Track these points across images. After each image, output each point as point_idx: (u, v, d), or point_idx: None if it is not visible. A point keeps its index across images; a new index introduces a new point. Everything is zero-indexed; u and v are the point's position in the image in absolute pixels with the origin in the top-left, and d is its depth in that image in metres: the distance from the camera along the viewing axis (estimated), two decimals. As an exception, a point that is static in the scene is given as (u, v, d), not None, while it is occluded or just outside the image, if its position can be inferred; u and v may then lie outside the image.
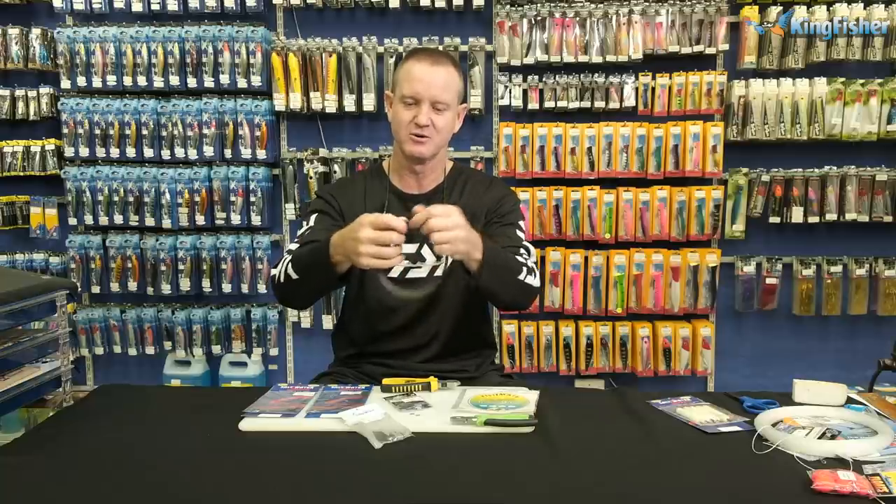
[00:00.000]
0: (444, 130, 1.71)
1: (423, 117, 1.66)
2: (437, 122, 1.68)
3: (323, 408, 1.43)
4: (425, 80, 1.66)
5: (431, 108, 1.67)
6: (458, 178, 1.81)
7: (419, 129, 1.67)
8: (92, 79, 3.34)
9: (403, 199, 1.77)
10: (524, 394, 1.49)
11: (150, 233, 3.43)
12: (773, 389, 1.55)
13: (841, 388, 1.44)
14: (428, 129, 1.67)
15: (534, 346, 3.31)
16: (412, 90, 1.67)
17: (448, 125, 1.72)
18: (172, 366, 3.47)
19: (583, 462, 1.21)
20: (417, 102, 1.67)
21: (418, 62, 1.68)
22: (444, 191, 1.78)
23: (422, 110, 1.66)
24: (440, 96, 1.67)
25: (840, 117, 3.12)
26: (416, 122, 1.67)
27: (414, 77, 1.67)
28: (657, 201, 3.20)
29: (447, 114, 1.69)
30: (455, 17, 3.33)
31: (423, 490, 1.12)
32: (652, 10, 3.16)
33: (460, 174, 1.83)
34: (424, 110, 1.66)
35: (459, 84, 1.73)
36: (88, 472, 1.20)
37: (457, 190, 1.79)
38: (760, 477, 1.14)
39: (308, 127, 3.43)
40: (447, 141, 1.76)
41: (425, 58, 1.69)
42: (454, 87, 1.70)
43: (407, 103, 1.68)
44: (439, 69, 1.68)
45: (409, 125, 1.68)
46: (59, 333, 1.90)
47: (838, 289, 3.28)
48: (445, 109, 1.68)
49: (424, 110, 1.66)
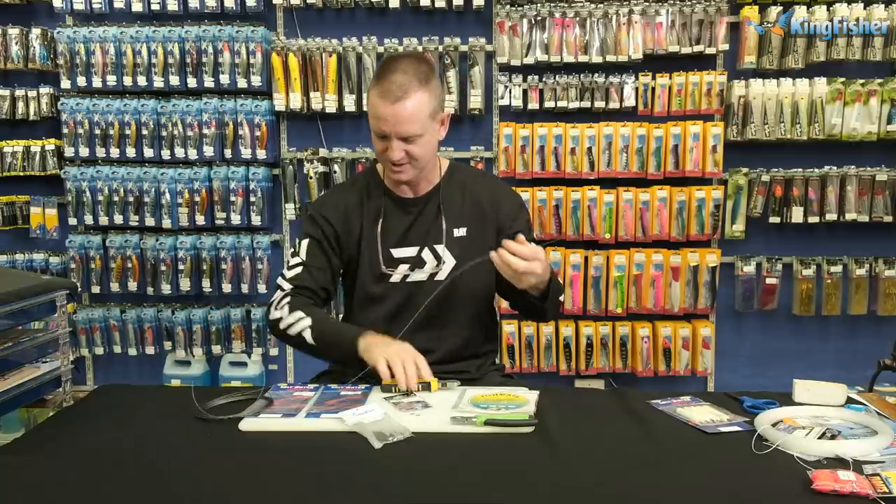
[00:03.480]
0: (423, 154, 1.64)
1: (395, 154, 1.60)
2: (412, 151, 1.62)
3: (323, 408, 1.43)
4: (389, 119, 1.58)
5: (402, 142, 1.60)
6: (453, 178, 1.78)
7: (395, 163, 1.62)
8: (92, 79, 3.34)
9: (400, 204, 1.75)
10: (524, 394, 1.49)
11: (150, 233, 3.43)
12: (773, 389, 1.55)
13: (841, 388, 1.44)
14: (402, 160, 1.62)
15: (534, 346, 3.31)
16: (378, 128, 1.61)
17: (427, 147, 1.65)
18: (172, 366, 3.46)
19: (583, 462, 1.21)
20: (385, 137, 1.61)
21: (381, 98, 1.58)
22: (440, 193, 1.75)
23: (392, 146, 1.60)
24: (407, 132, 1.59)
25: (840, 117, 3.12)
26: (388, 157, 1.62)
27: (378, 115, 1.59)
28: (657, 201, 3.20)
29: (422, 139, 1.62)
30: (455, 17, 3.33)
31: (423, 490, 1.12)
32: (652, 10, 3.16)
33: (456, 173, 1.79)
34: (395, 146, 1.60)
35: (431, 103, 1.62)
36: (88, 472, 1.20)
37: (456, 192, 1.76)
38: (760, 477, 1.14)
39: (308, 127, 3.43)
40: (432, 155, 1.69)
41: (387, 94, 1.57)
42: (423, 113, 1.60)
43: (378, 136, 1.63)
44: (402, 104, 1.57)
45: (384, 155, 1.64)
46: (59, 333, 1.90)
47: (838, 289, 3.28)
48: (419, 136, 1.61)
49: (395, 146, 1.60)
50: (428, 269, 1.72)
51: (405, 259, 1.73)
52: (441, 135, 1.71)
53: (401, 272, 1.73)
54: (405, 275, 1.73)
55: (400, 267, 1.73)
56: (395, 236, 1.73)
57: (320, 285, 1.73)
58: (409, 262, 1.72)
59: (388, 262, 1.73)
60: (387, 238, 1.73)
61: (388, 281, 1.73)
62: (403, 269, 1.73)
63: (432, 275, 1.72)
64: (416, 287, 1.72)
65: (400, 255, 1.73)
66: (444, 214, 1.73)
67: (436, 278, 1.72)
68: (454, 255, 1.72)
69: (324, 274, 1.73)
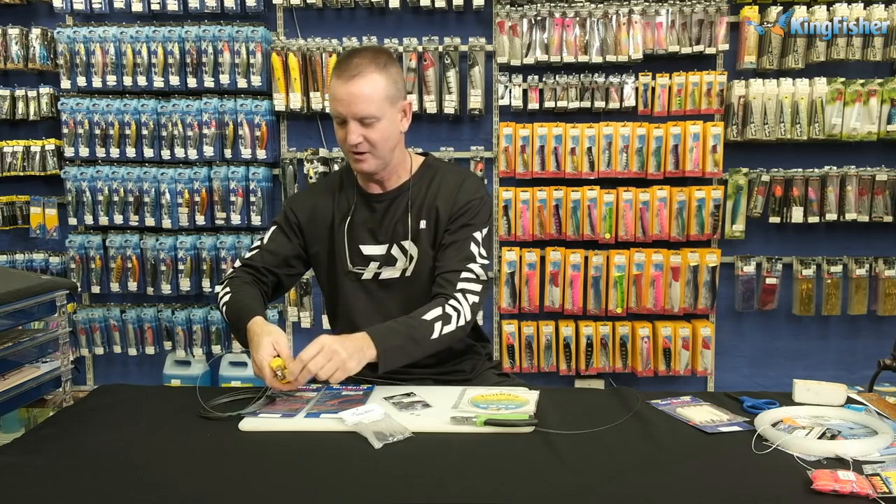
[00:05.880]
0: (383, 140, 1.61)
1: (353, 136, 1.58)
2: (370, 136, 1.59)
3: (323, 408, 1.43)
4: (344, 98, 1.57)
5: (360, 125, 1.58)
6: (425, 175, 1.74)
7: (353, 147, 1.60)
8: (92, 79, 3.34)
9: (369, 201, 1.73)
10: (524, 394, 1.49)
11: (150, 233, 3.43)
12: (773, 389, 1.56)
13: (841, 388, 1.44)
14: (361, 145, 1.60)
15: (534, 346, 3.31)
16: (335, 110, 1.59)
17: (386, 133, 1.61)
18: (172, 366, 3.47)
19: (583, 462, 1.21)
20: (345, 122, 1.59)
21: (337, 79, 1.58)
22: (409, 189, 1.72)
23: (350, 129, 1.58)
24: (363, 111, 1.57)
25: (840, 117, 3.12)
26: (347, 142, 1.60)
27: (334, 96, 1.58)
28: (657, 201, 3.20)
29: (380, 124, 1.59)
30: (455, 17, 3.34)
31: (423, 490, 1.12)
32: (652, 10, 3.16)
33: (429, 170, 1.75)
34: (352, 128, 1.58)
35: (388, 86, 1.60)
36: (88, 472, 1.20)
37: (423, 188, 1.72)
38: (760, 477, 1.14)
39: (308, 127, 3.43)
40: (395, 145, 1.66)
41: (343, 72, 1.57)
42: (379, 94, 1.58)
43: (338, 122, 1.61)
44: (356, 83, 1.56)
45: (345, 144, 1.61)
46: (59, 333, 1.90)
47: (838, 289, 3.28)
48: (375, 121, 1.58)
49: (352, 128, 1.58)
50: (399, 266, 1.71)
51: (375, 256, 1.71)
52: (403, 125, 1.68)
53: (372, 269, 1.71)
54: (376, 272, 1.71)
55: (371, 264, 1.71)
56: (363, 233, 1.72)
57: (266, 266, 1.73)
58: (378, 259, 1.71)
59: (357, 260, 1.71)
60: (355, 235, 1.72)
61: (361, 279, 1.72)
62: (374, 267, 1.71)
63: (403, 271, 1.71)
64: (388, 284, 1.71)
65: (370, 252, 1.71)
66: (411, 210, 1.70)
67: (407, 274, 1.70)
68: (420, 250, 1.70)
69: (274, 257, 1.73)
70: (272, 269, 1.74)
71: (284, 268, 1.76)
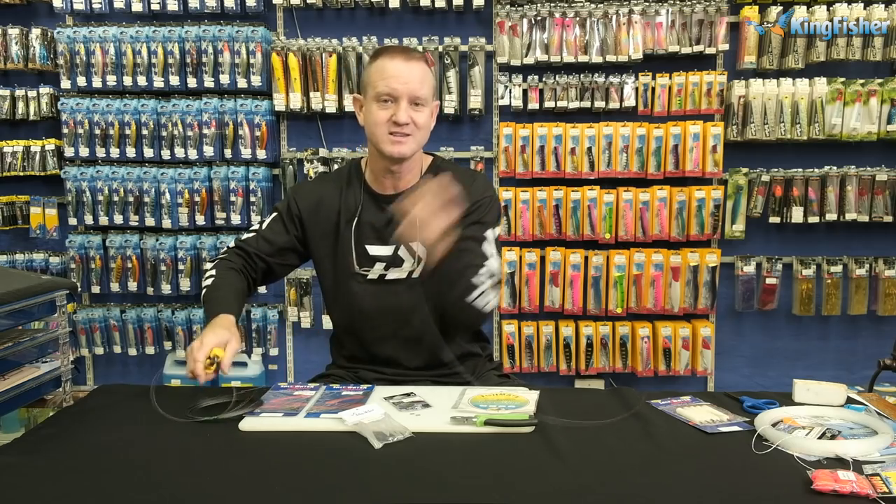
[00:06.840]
0: (426, 127, 1.65)
1: (403, 114, 1.59)
2: (416, 119, 1.61)
3: (323, 408, 1.43)
4: (402, 76, 1.58)
5: (410, 105, 1.60)
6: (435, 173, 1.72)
7: (398, 128, 1.59)
8: (92, 79, 3.34)
9: (378, 201, 1.71)
10: (524, 394, 1.49)
11: (150, 233, 3.43)
12: (773, 389, 1.55)
13: (841, 388, 1.44)
14: (408, 126, 1.60)
15: (534, 346, 3.31)
16: (388, 87, 1.59)
17: (427, 122, 1.65)
18: (172, 366, 3.46)
19: (583, 462, 1.21)
20: (395, 100, 1.59)
21: (391, 59, 1.60)
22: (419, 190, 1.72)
23: (400, 107, 1.59)
24: (418, 91, 1.60)
25: (840, 117, 3.12)
26: (394, 120, 1.59)
27: (389, 74, 1.59)
28: (657, 201, 3.20)
29: (426, 110, 1.63)
30: (455, 17, 3.34)
31: (423, 490, 1.12)
32: (652, 10, 3.16)
33: (438, 171, 1.73)
34: (403, 107, 1.59)
35: (433, 80, 1.67)
36: (88, 472, 1.20)
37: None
38: (760, 477, 1.14)
39: (308, 127, 3.43)
40: (426, 139, 1.68)
41: (398, 54, 1.61)
42: (430, 82, 1.64)
43: (383, 101, 1.60)
44: (414, 64, 1.61)
45: (386, 124, 1.60)
46: (59, 333, 1.91)
47: (838, 289, 3.28)
48: (424, 105, 1.62)
49: (403, 107, 1.59)
50: (406, 267, 1.69)
51: (381, 257, 1.69)
52: (432, 124, 1.70)
53: (377, 270, 1.70)
54: (382, 273, 1.70)
55: (376, 265, 1.69)
56: (370, 233, 1.70)
57: (259, 253, 1.72)
58: (385, 260, 1.69)
59: (363, 260, 1.70)
60: (362, 235, 1.70)
61: (367, 279, 1.70)
62: (380, 268, 1.69)
63: (410, 272, 1.69)
64: (394, 285, 1.70)
65: (376, 252, 1.70)
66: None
67: (413, 275, 1.69)
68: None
69: (269, 245, 1.72)
70: (264, 256, 1.73)
71: (277, 257, 1.75)
